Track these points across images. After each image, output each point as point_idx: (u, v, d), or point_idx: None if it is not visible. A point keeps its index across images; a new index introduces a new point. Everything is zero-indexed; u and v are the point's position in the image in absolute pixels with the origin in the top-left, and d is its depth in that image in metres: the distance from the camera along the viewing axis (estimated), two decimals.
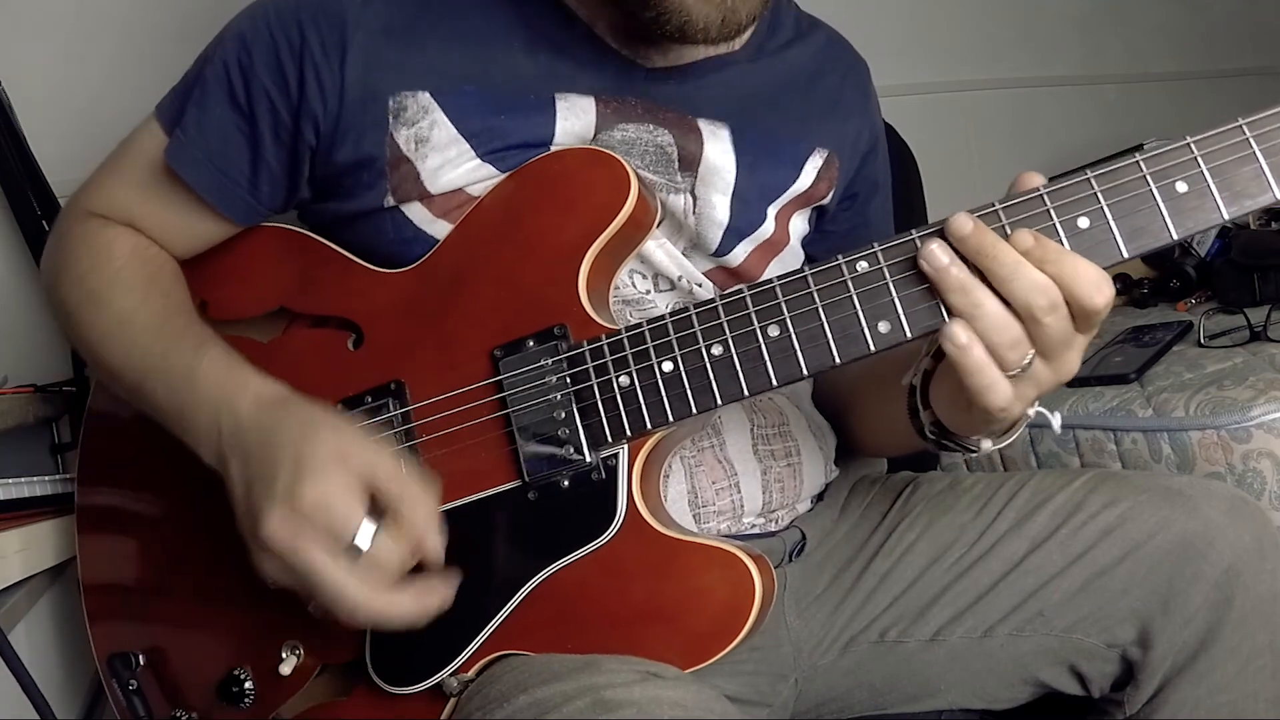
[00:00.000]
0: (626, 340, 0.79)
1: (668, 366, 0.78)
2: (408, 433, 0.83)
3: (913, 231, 0.73)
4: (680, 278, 0.91)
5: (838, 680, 0.94)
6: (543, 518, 0.80)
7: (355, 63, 0.85)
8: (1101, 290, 0.69)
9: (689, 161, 0.91)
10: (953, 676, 0.92)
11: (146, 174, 0.91)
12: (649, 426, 0.78)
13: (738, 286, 0.77)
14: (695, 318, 0.77)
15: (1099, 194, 0.71)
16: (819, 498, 1.00)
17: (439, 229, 0.87)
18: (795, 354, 0.75)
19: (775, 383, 0.76)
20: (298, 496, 0.72)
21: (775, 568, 0.80)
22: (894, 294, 0.73)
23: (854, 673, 0.94)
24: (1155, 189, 0.70)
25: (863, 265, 0.74)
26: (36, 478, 1.04)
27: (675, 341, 0.77)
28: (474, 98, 0.87)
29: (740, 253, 0.94)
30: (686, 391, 0.77)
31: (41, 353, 1.22)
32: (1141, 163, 0.71)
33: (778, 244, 0.97)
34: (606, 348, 0.79)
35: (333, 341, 0.88)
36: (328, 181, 0.89)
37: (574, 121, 0.88)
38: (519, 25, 0.90)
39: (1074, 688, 0.91)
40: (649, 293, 0.91)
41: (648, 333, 0.78)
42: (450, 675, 0.80)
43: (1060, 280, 0.69)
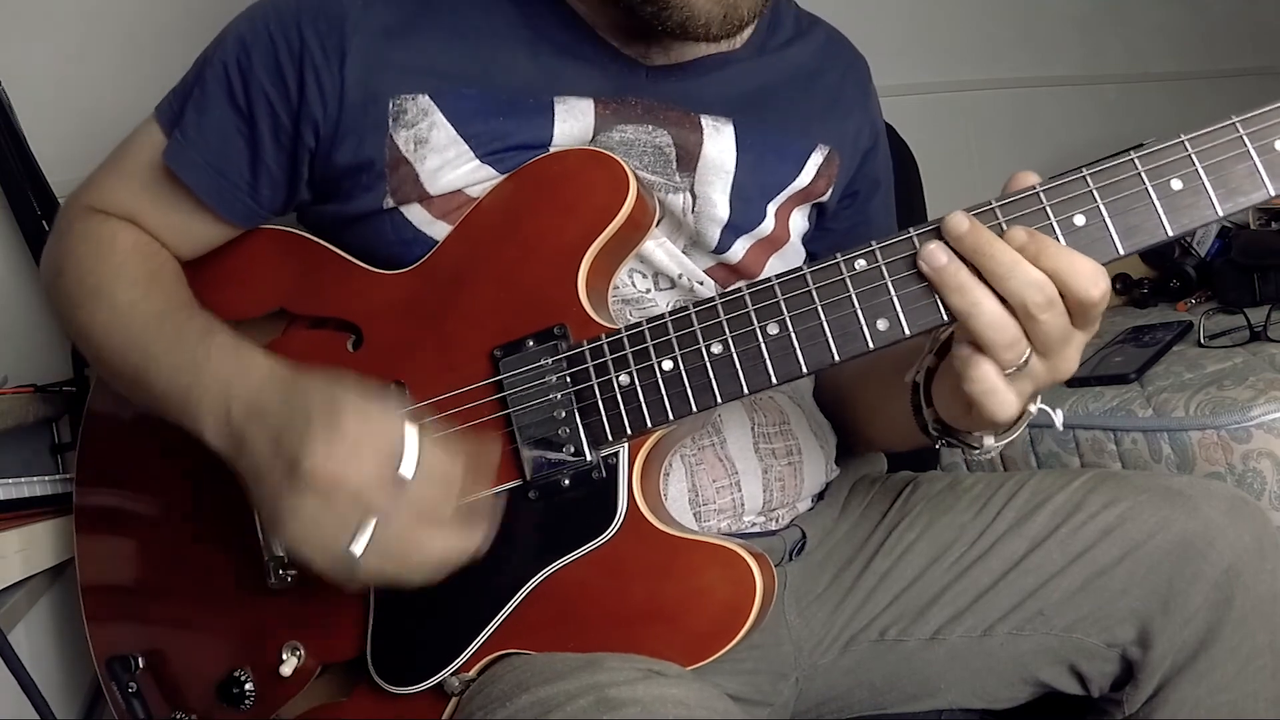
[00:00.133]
0: (626, 339, 0.79)
1: (668, 365, 0.78)
2: None
3: (911, 230, 0.74)
4: (680, 276, 0.92)
5: (838, 679, 0.94)
6: (543, 517, 0.80)
7: (355, 65, 0.85)
8: (1097, 284, 0.69)
9: (687, 160, 0.91)
10: (952, 676, 0.92)
11: (146, 175, 0.91)
12: (649, 425, 0.78)
13: (737, 285, 0.77)
14: (695, 316, 0.77)
15: (1095, 192, 0.71)
16: (819, 497, 1.00)
17: (438, 230, 0.87)
18: (794, 352, 0.75)
19: (775, 381, 0.76)
20: (340, 425, 0.71)
21: (776, 566, 0.80)
22: (892, 292, 0.74)
23: (854, 672, 0.94)
24: (1150, 187, 0.71)
25: (861, 263, 0.74)
26: (36, 478, 1.04)
27: (675, 340, 0.77)
28: (473, 100, 0.87)
29: (740, 249, 0.94)
30: (686, 390, 0.77)
31: (41, 353, 1.22)
32: (1137, 161, 0.71)
33: (778, 240, 0.97)
34: (606, 347, 0.79)
35: (332, 343, 0.88)
36: (327, 184, 0.89)
37: (572, 124, 0.88)
38: (520, 26, 0.90)
39: (1074, 687, 0.91)
40: (649, 291, 0.91)
41: (647, 332, 0.78)
42: (452, 674, 0.80)
43: (1055, 275, 0.69)
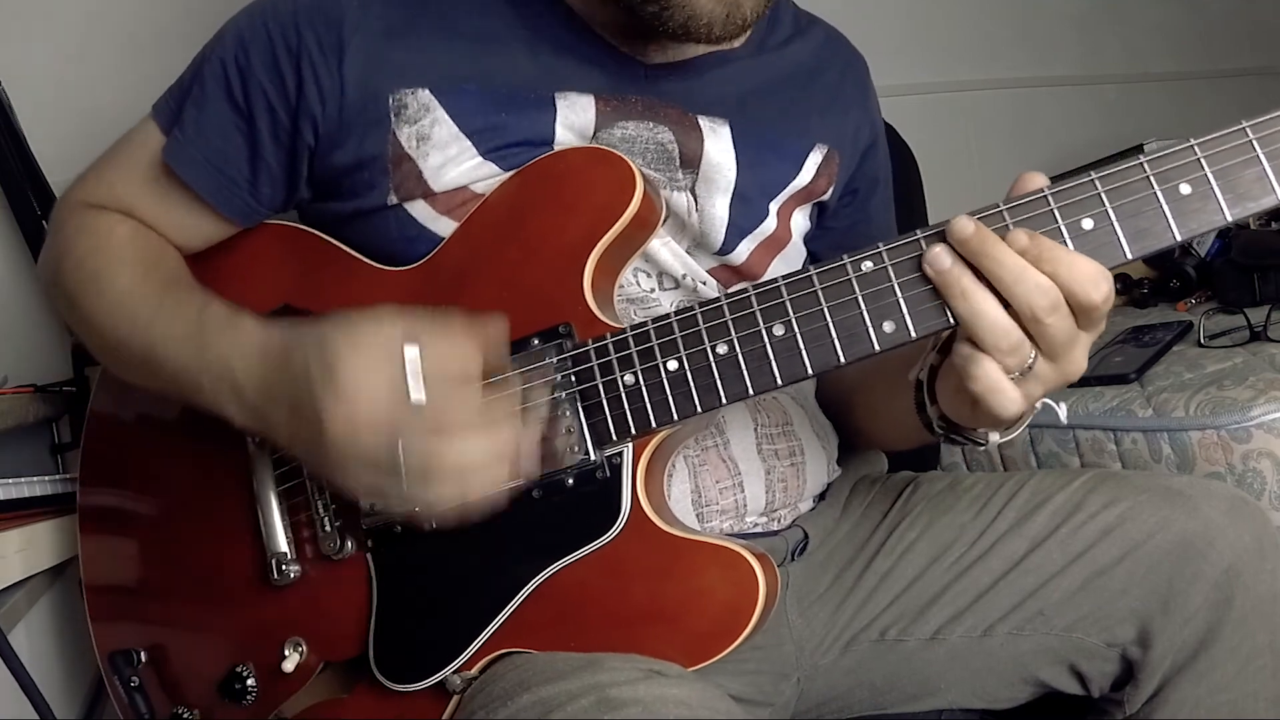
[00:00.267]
0: (631, 339, 0.79)
1: (672, 365, 0.78)
2: None
3: (917, 231, 0.74)
4: (685, 276, 0.92)
5: (839, 679, 0.94)
6: (547, 516, 0.80)
7: (354, 64, 0.85)
8: (1099, 286, 0.70)
9: (690, 159, 0.91)
10: (953, 676, 0.92)
11: (144, 172, 0.91)
12: (653, 425, 0.78)
13: (742, 285, 0.77)
14: (700, 316, 0.77)
15: (1103, 195, 0.71)
16: (821, 497, 1.00)
17: (443, 226, 0.87)
18: (800, 353, 0.75)
19: (780, 382, 0.76)
20: (340, 386, 0.71)
21: (778, 567, 0.80)
22: (899, 294, 0.73)
23: (855, 672, 0.94)
24: (1159, 191, 0.70)
25: (868, 265, 0.74)
26: (36, 478, 1.04)
27: (680, 340, 0.77)
28: (474, 96, 0.87)
29: (744, 250, 0.94)
30: (691, 390, 0.77)
31: (41, 353, 1.22)
32: (1145, 164, 0.71)
33: (780, 240, 0.97)
34: (611, 346, 0.79)
35: None
36: (328, 181, 0.89)
37: (574, 119, 0.88)
38: (519, 24, 0.90)
39: (1074, 687, 0.91)
40: (653, 291, 0.91)
41: (652, 331, 0.78)
42: (453, 673, 0.80)
43: (1058, 278, 0.69)
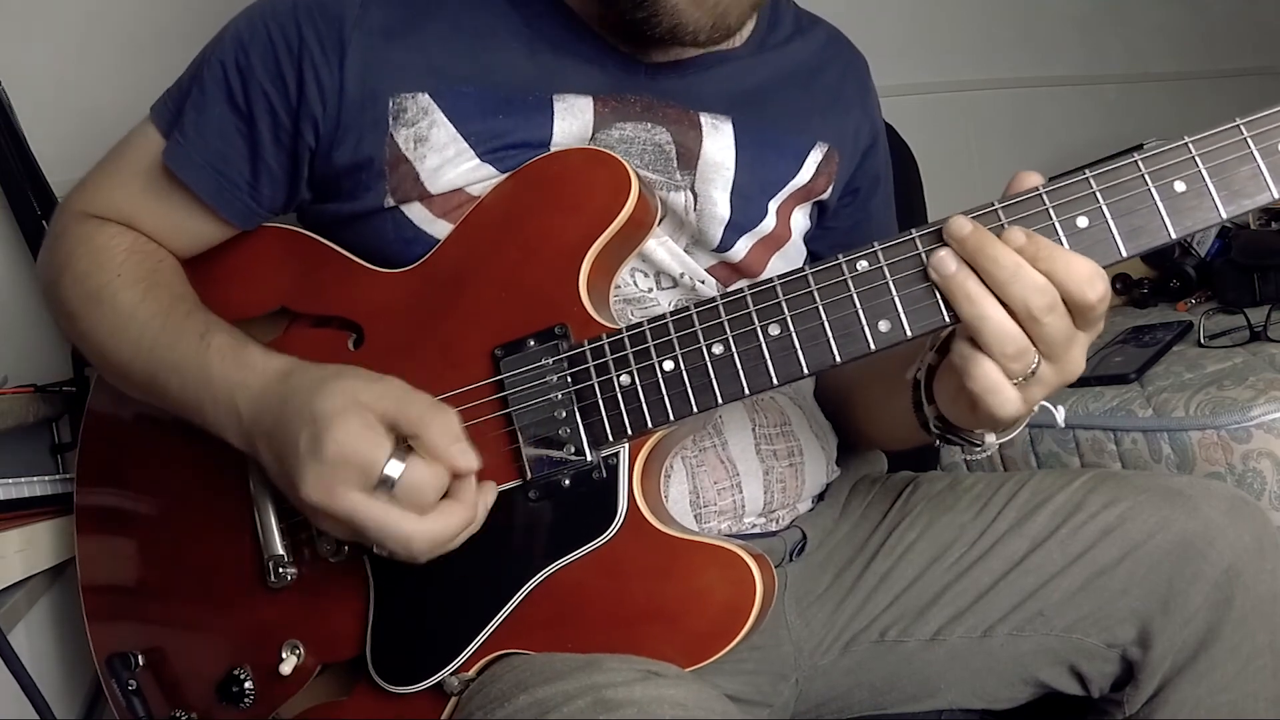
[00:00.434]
0: (627, 339, 0.79)
1: (669, 365, 0.78)
2: None
3: (913, 231, 0.74)
4: (682, 275, 0.92)
5: (838, 680, 0.94)
6: (544, 517, 0.80)
7: (354, 63, 0.86)
8: (1095, 285, 0.70)
9: (687, 158, 0.91)
10: (953, 676, 0.92)
11: (144, 176, 0.91)
12: (650, 425, 0.78)
13: (738, 285, 0.77)
14: (696, 316, 0.77)
15: (1098, 193, 0.71)
16: (820, 497, 1.00)
17: (439, 229, 0.87)
18: (796, 353, 0.75)
19: (776, 381, 0.76)
20: (321, 452, 0.73)
21: (776, 567, 0.80)
22: (894, 293, 0.73)
23: (854, 672, 0.94)
24: (1154, 189, 0.71)
25: (863, 264, 0.74)
26: (36, 478, 1.04)
27: (676, 340, 0.77)
28: (473, 98, 0.87)
29: (742, 248, 0.94)
30: (687, 390, 0.77)
31: (41, 353, 1.22)
32: (1140, 162, 0.71)
33: (779, 239, 0.97)
34: (607, 347, 0.79)
35: (333, 342, 0.87)
36: (327, 182, 0.89)
37: (572, 121, 0.88)
38: (518, 25, 0.90)
39: (1074, 688, 0.91)
40: (651, 291, 0.91)
41: (648, 332, 0.78)
42: (451, 674, 0.80)
43: (1054, 277, 0.69)
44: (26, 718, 0.92)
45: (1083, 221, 0.71)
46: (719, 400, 0.77)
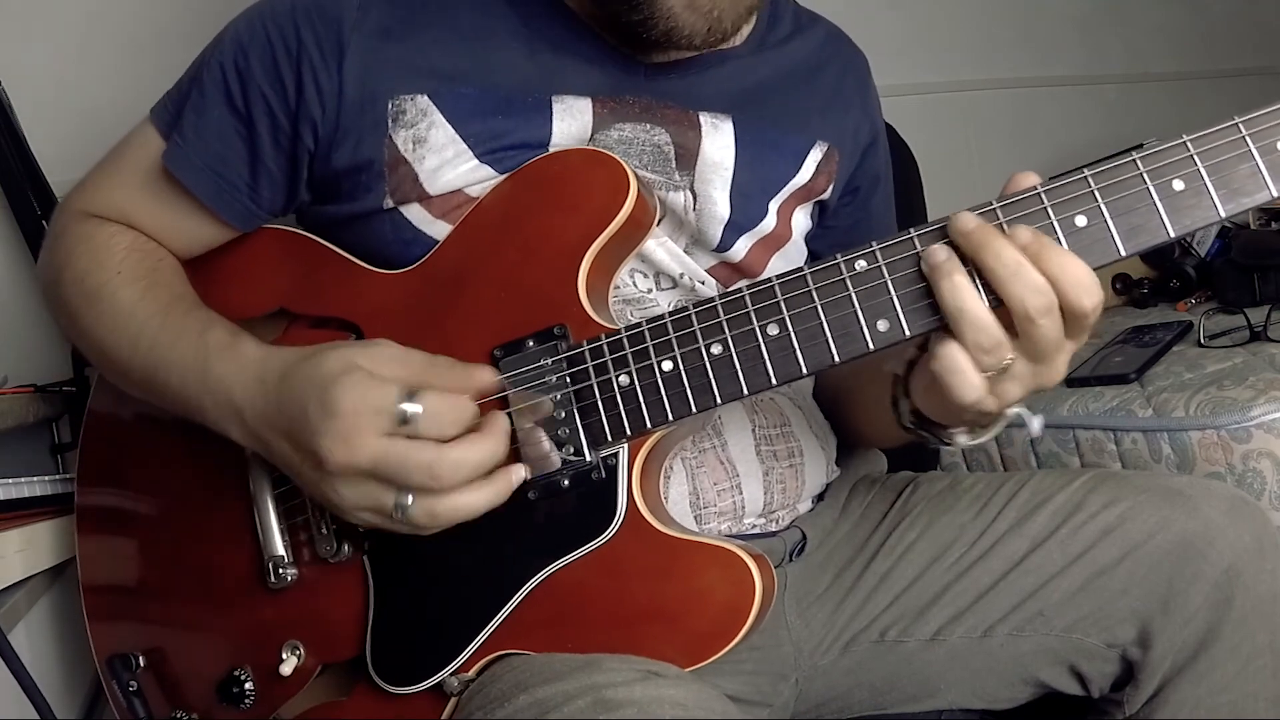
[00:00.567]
0: (626, 340, 0.79)
1: (667, 366, 0.78)
2: None
3: (911, 230, 0.74)
4: (682, 275, 0.91)
5: (838, 680, 0.94)
6: (543, 517, 0.80)
7: (353, 65, 0.86)
8: (1092, 293, 0.69)
9: (686, 158, 0.91)
10: (953, 676, 0.92)
11: (143, 178, 0.91)
12: (649, 426, 0.78)
13: (737, 285, 0.77)
14: (694, 317, 0.77)
15: (1096, 192, 0.71)
16: (819, 498, 1.00)
17: (438, 230, 0.87)
18: (794, 353, 0.75)
19: (775, 381, 0.76)
20: (335, 409, 0.72)
21: (776, 567, 0.80)
22: (893, 292, 0.73)
23: (854, 672, 0.94)
24: (1152, 187, 0.70)
25: (861, 264, 0.74)
26: (36, 478, 1.04)
27: (675, 341, 0.77)
28: (472, 99, 0.87)
29: (742, 248, 0.94)
30: (686, 391, 0.77)
31: (41, 353, 1.22)
32: (1138, 161, 0.71)
33: (780, 239, 0.97)
34: (606, 347, 0.79)
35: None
36: (326, 184, 0.89)
37: (571, 123, 0.88)
38: (517, 25, 0.90)
39: (1074, 688, 0.91)
40: (650, 291, 0.91)
41: (647, 332, 0.78)
42: (451, 675, 0.80)
43: (1053, 279, 0.69)
44: (27, 718, 0.92)
45: (1081, 220, 0.71)
46: (718, 400, 0.77)
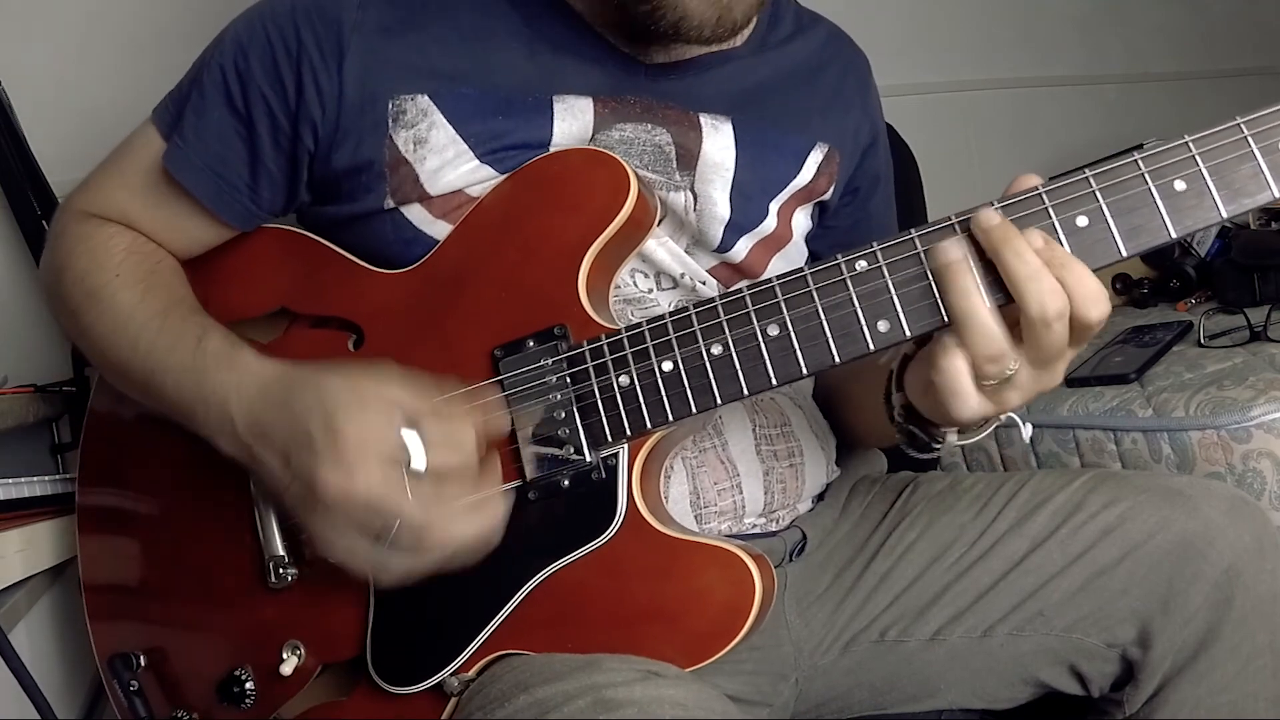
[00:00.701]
0: (626, 340, 0.79)
1: (667, 366, 0.78)
2: None
3: (912, 231, 0.74)
4: (683, 275, 0.91)
5: (838, 680, 0.94)
6: (543, 517, 0.80)
7: (353, 66, 0.86)
8: (1099, 305, 0.70)
9: (687, 159, 0.91)
10: (953, 676, 0.92)
11: (144, 178, 0.91)
12: (649, 426, 0.78)
13: (737, 286, 0.77)
14: (695, 317, 0.77)
15: (1097, 193, 0.71)
16: (820, 497, 1.00)
17: (439, 230, 0.87)
18: (795, 353, 0.75)
19: (775, 382, 0.76)
20: (340, 441, 0.72)
21: (776, 567, 0.80)
22: (893, 292, 0.73)
23: (854, 672, 0.94)
24: (1154, 188, 0.70)
25: (862, 264, 0.74)
26: (36, 478, 1.04)
27: (675, 341, 0.77)
28: (472, 99, 0.87)
29: (742, 248, 0.94)
30: (686, 391, 0.77)
31: (41, 353, 1.22)
32: (1140, 162, 0.71)
33: (780, 239, 0.97)
34: (606, 347, 0.79)
35: (333, 342, 0.88)
36: (327, 185, 0.89)
37: (571, 123, 0.88)
38: (518, 24, 0.90)
39: (1074, 688, 0.91)
40: (651, 291, 0.91)
41: (647, 332, 0.78)
42: (451, 675, 0.80)
43: (1066, 286, 0.69)
44: (27, 718, 0.92)
45: (1082, 221, 0.71)
46: (718, 401, 0.77)
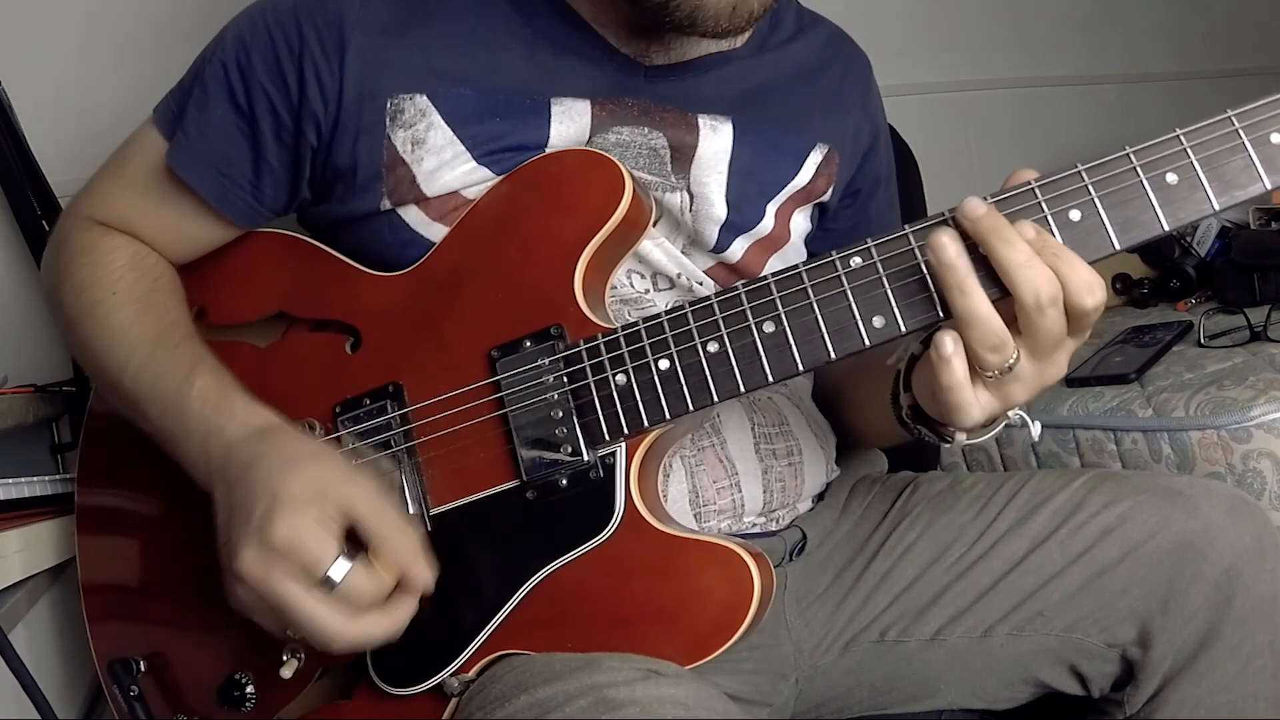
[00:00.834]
0: (622, 339, 0.79)
1: (664, 364, 0.78)
2: (406, 434, 0.83)
3: (906, 227, 0.74)
4: (679, 276, 0.91)
5: (838, 680, 0.94)
6: (541, 517, 0.80)
7: (354, 63, 0.86)
8: (1094, 292, 0.69)
9: (682, 159, 0.91)
10: (953, 676, 0.92)
11: (146, 177, 0.91)
12: (646, 425, 0.78)
13: (733, 284, 0.77)
14: (691, 315, 0.77)
15: (1089, 186, 0.71)
16: (819, 497, 1.00)
17: (435, 232, 0.87)
18: (791, 350, 0.75)
19: (771, 378, 0.76)
20: (269, 532, 0.72)
21: (776, 567, 0.80)
22: (888, 288, 0.73)
23: (854, 672, 0.93)
24: (1146, 180, 0.70)
25: (856, 261, 0.74)
26: (36, 478, 1.04)
27: (671, 339, 0.77)
28: (470, 100, 0.87)
29: (738, 249, 0.94)
30: (683, 389, 0.77)
31: (41, 353, 1.22)
32: (1132, 155, 0.71)
33: (778, 240, 0.97)
34: (603, 347, 0.79)
35: (331, 345, 0.88)
36: (327, 183, 0.89)
37: (569, 125, 0.88)
38: (518, 24, 0.90)
39: (1074, 688, 0.91)
40: (648, 292, 0.91)
41: (643, 331, 0.78)
42: (451, 676, 0.80)
43: (1059, 274, 0.69)
44: (27, 718, 0.92)
45: (1075, 214, 0.71)
46: (715, 398, 0.77)
